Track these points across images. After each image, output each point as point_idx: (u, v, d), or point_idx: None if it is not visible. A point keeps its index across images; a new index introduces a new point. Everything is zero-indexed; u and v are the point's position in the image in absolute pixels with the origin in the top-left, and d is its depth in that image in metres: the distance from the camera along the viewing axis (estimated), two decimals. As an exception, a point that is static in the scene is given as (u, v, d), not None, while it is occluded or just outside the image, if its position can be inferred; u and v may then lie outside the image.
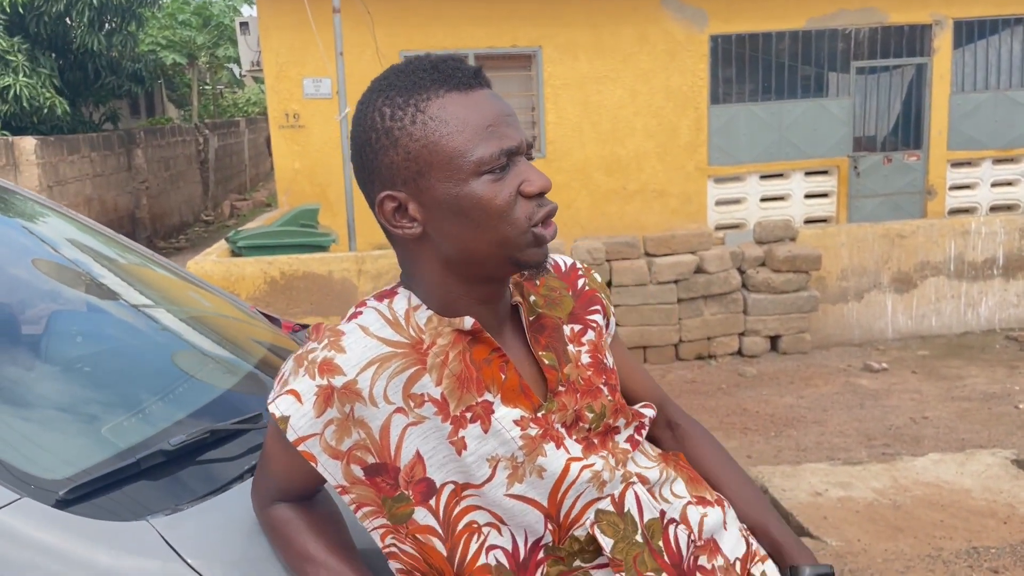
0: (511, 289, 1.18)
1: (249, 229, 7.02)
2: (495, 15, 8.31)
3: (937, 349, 6.96)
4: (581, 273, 1.28)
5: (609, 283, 6.52)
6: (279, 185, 8.52)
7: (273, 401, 1.08)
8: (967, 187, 9.25)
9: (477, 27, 8.31)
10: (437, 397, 1.08)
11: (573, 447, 1.11)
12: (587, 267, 1.30)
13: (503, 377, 1.11)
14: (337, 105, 7.26)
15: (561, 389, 1.14)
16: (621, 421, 1.19)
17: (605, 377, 1.20)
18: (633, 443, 1.20)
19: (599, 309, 1.26)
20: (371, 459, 1.08)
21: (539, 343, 1.17)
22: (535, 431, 1.10)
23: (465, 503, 1.09)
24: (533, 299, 1.20)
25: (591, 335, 1.23)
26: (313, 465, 1.09)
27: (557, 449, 1.10)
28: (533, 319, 1.18)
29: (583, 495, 1.10)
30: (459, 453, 1.07)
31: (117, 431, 1.38)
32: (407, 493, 1.08)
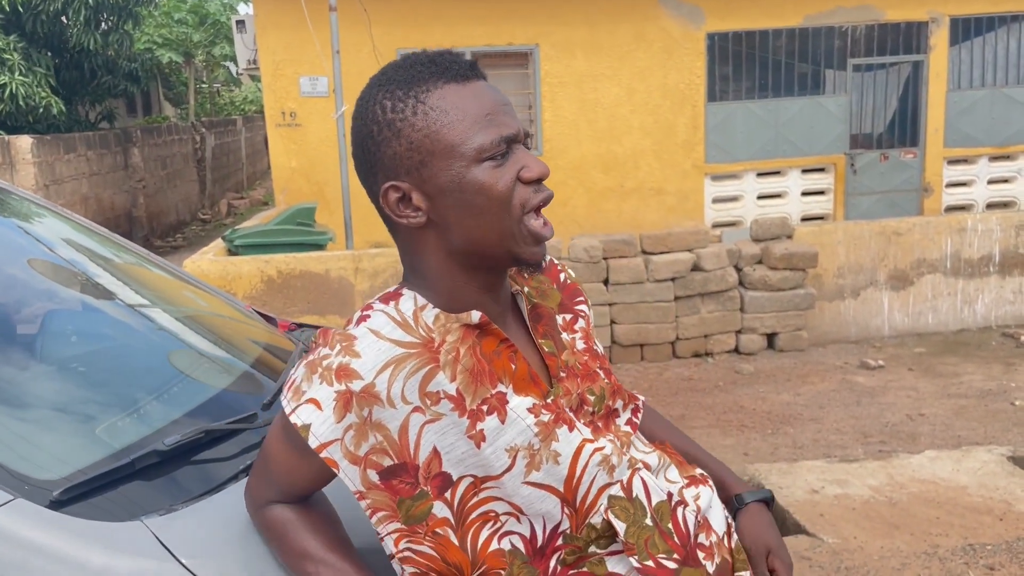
0: (509, 280, 1.22)
1: (246, 228, 7.01)
2: (492, 13, 8.31)
3: (933, 346, 6.97)
4: (560, 268, 1.33)
5: (606, 281, 6.52)
6: (276, 183, 8.51)
7: (294, 412, 1.09)
8: (963, 184, 9.26)
9: (474, 25, 8.31)
10: (453, 393, 1.09)
11: (584, 430, 1.15)
12: (563, 263, 1.35)
13: (513, 367, 1.14)
14: (334, 103, 7.25)
15: (562, 375, 1.18)
16: (619, 403, 1.25)
17: (599, 362, 1.26)
18: (633, 426, 1.26)
19: (584, 300, 1.32)
20: (388, 462, 1.09)
21: (538, 332, 1.21)
22: (547, 417, 1.13)
23: (484, 494, 1.11)
24: (527, 290, 1.24)
25: (581, 323, 1.28)
26: (335, 471, 1.10)
27: (570, 432, 1.14)
28: (530, 308, 1.22)
29: (596, 479, 1.14)
30: (478, 446, 1.09)
31: (112, 431, 1.38)
32: (426, 489, 1.10)
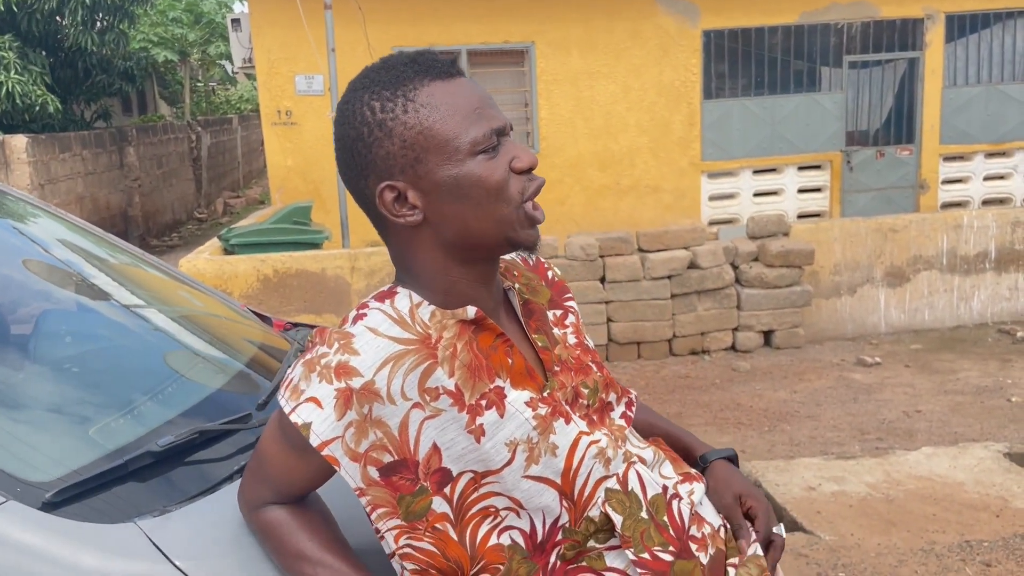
0: (500, 277, 1.22)
1: (242, 227, 7.00)
2: (487, 11, 8.29)
3: (930, 343, 6.98)
4: (547, 266, 1.35)
5: (603, 279, 6.52)
6: (272, 182, 8.49)
7: (294, 410, 1.09)
8: (959, 181, 9.26)
9: (469, 23, 8.29)
10: (452, 388, 1.10)
11: (579, 423, 1.17)
12: (549, 262, 1.37)
13: (510, 362, 1.14)
14: (329, 102, 7.24)
15: (557, 369, 1.19)
16: (612, 396, 1.26)
17: (591, 356, 1.28)
18: (627, 419, 1.27)
19: (571, 297, 1.34)
20: (387, 458, 1.09)
21: (531, 327, 1.22)
22: (544, 410, 1.13)
23: (484, 489, 1.11)
24: (518, 287, 1.25)
25: (572, 318, 1.30)
26: (336, 469, 1.10)
27: (567, 425, 1.14)
28: (523, 304, 1.23)
29: (592, 472, 1.14)
30: (478, 441, 1.10)
31: (105, 432, 1.38)
32: (426, 485, 1.10)
